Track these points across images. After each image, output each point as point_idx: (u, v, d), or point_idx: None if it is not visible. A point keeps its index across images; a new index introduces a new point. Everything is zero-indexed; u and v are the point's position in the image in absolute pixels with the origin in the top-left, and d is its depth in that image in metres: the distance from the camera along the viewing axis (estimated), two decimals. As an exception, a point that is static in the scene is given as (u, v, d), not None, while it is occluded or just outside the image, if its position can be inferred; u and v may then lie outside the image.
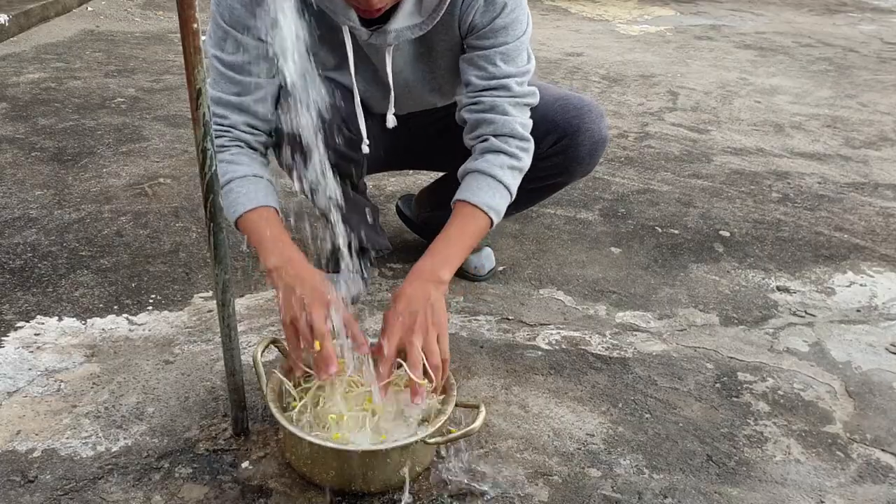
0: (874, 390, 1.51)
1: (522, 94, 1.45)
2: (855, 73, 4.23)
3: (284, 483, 1.20)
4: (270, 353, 1.44)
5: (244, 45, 1.36)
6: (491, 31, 1.41)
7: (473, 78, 1.44)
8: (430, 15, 1.38)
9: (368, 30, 1.39)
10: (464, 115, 1.47)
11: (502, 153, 1.43)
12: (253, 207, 1.34)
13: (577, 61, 4.22)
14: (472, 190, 1.40)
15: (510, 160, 1.43)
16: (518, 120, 1.44)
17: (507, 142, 1.43)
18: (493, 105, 1.43)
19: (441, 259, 1.32)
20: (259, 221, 1.33)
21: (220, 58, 1.38)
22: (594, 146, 1.60)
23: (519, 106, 1.45)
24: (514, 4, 1.40)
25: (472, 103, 1.45)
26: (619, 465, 1.28)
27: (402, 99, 1.61)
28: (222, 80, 1.39)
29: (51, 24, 4.52)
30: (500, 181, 1.41)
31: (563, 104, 1.60)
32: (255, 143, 1.43)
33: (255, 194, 1.36)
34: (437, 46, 1.47)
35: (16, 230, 2.00)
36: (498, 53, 1.42)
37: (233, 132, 1.41)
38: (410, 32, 1.40)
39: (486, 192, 1.39)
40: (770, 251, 2.08)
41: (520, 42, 1.43)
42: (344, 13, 1.36)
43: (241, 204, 1.35)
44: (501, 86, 1.43)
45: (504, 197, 1.42)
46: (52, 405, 1.36)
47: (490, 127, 1.44)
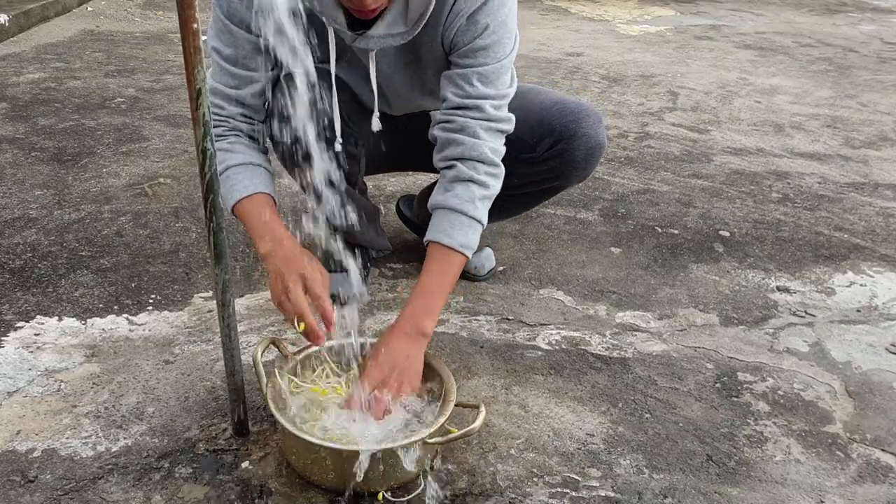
0: (874, 390, 1.51)
1: (497, 119, 1.42)
2: (855, 73, 4.23)
3: (284, 483, 1.20)
4: (270, 353, 1.44)
5: (240, 38, 1.39)
6: (471, 50, 1.39)
7: (450, 94, 1.43)
8: (413, 26, 1.37)
9: (353, 33, 1.39)
10: (435, 133, 1.46)
11: (472, 182, 1.40)
12: (248, 194, 1.39)
13: (577, 61, 4.22)
14: (444, 230, 1.39)
15: (480, 190, 1.41)
16: (488, 145, 1.42)
17: (475, 168, 1.41)
18: (463, 126, 1.41)
19: (424, 310, 1.34)
20: (254, 208, 1.39)
21: (219, 50, 1.42)
22: (591, 151, 1.59)
23: (491, 131, 1.42)
24: (497, 26, 1.38)
25: (445, 121, 1.43)
26: (619, 465, 1.28)
27: (396, 102, 1.61)
28: (220, 71, 1.44)
29: (51, 24, 4.52)
30: (471, 216, 1.40)
31: (561, 108, 1.59)
32: (251, 132, 1.48)
33: (250, 181, 1.41)
34: (424, 56, 1.47)
35: (16, 230, 2.00)
36: (476, 73, 1.40)
37: (230, 122, 1.45)
38: (392, 40, 1.39)
39: (458, 232, 1.38)
40: (770, 251, 2.08)
41: (501, 65, 1.41)
42: (332, 14, 1.35)
43: (237, 191, 1.39)
44: (476, 106, 1.41)
45: (477, 230, 1.41)
46: (52, 405, 1.36)
47: (458, 149, 1.41)
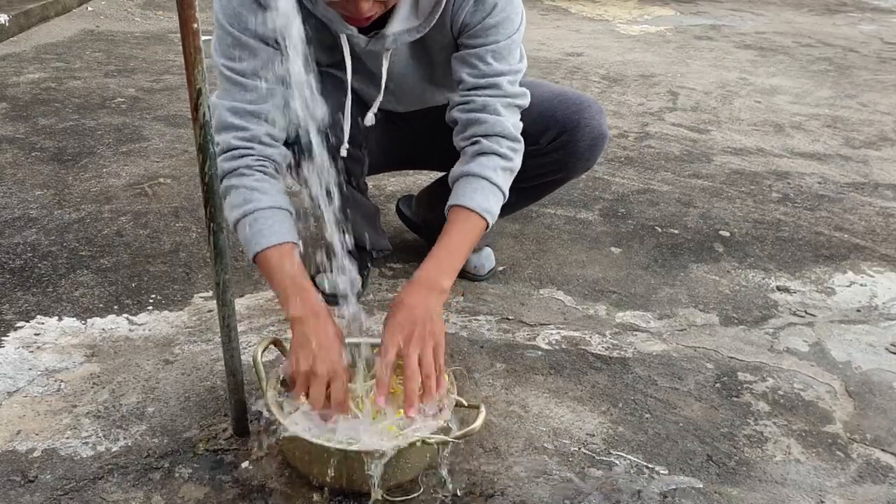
0: (874, 390, 1.51)
1: (514, 95, 1.44)
2: (855, 73, 4.23)
3: (284, 483, 1.20)
4: (270, 353, 1.44)
5: (255, 49, 1.33)
6: (482, 29, 1.40)
7: (465, 75, 1.43)
8: (427, 17, 1.38)
9: (366, 36, 1.39)
10: (454, 115, 1.46)
11: (494, 154, 1.42)
12: (276, 244, 1.29)
13: (577, 61, 4.22)
14: (466, 194, 1.39)
15: (502, 161, 1.42)
16: (509, 121, 1.43)
17: (498, 142, 1.42)
18: (484, 105, 1.42)
19: (441, 267, 1.32)
20: (281, 261, 1.28)
21: (231, 66, 1.34)
22: (594, 141, 1.60)
23: (510, 107, 1.44)
24: (505, 3, 1.39)
25: (464, 102, 1.44)
26: (619, 465, 1.28)
27: (405, 98, 1.61)
28: (235, 88, 1.35)
29: (51, 24, 4.52)
30: (493, 183, 1.40)
31: (563, 100, 1.60)
32: (278, 157, 1.38)
33: (279, 227, 1.30)
34: (433, 47, 1.47)
35: (16, 230, 2.00)
36: (489, 51, 1.41)
37: (256, 149, 1.35)
38: (408, 35, 1.40)
39: (480, 196, 1.39)
40: (770, 251, 2.08)
41: (511, 40, 1.42)
42: (341, 23, 1.36)
43: (264, 237, 1.29)
44: (493, 84, 1.42)
45: (498, 199, 1.41)
46: (52, 405, 1.36)
47: (481, 127, 1.43)
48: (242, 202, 1.31)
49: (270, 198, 1.33)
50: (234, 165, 1.33)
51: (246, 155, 1.34)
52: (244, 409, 1.28)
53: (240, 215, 1.31)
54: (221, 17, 1.34)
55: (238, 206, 1.31)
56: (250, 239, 1.30)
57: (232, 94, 1.35)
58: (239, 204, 1.31)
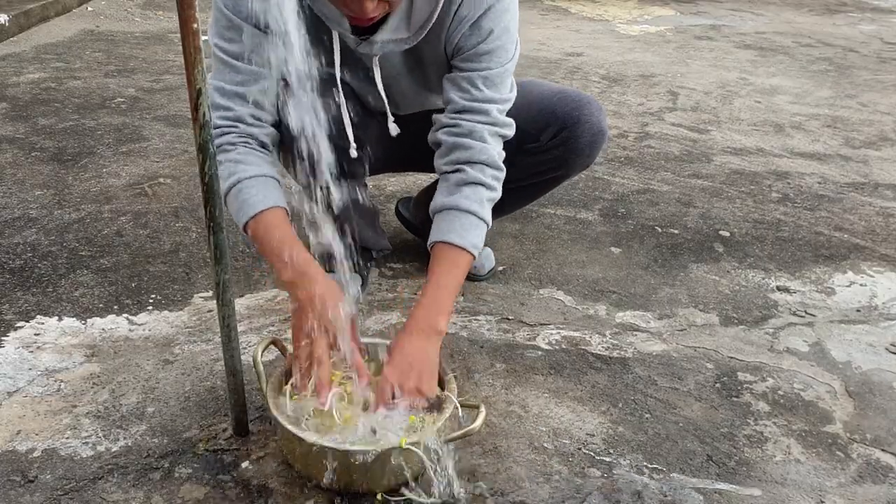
0: (874, 390, 1.51)
1: (501, 124, 1.44)
2: (855, 73, 4.23)
3: (284, 483, 1.20)
4: (270, 353, 1.44)
5: (247, 33, 1.35)
6: (475, 54, 1.40)
7: (456, 97, 1.43)
8: (416, 32, 1.38)
9: (358, 38, 1.40)
10: (439, 137, 1.45)
11: (479, 185, 1.41)
12: (263, 209, 1.31)
13: (577, 61, 4.22)
14: (453, 230, 1.38)
15: (487, 192, 1.41)
16: (495, 149, 1.43)
17: (483, 171, 1.41)
18: (471, 130, 1.41)
19: (436, 308, 1.32)
20: (269, 227, 1.30)
21: (223, 47, 1.37)
22: (594, 138, 1.60)
23: (496, 136, 1.44)
24: (501, 31, 1.39)
25: (451, 125, 1.43)
26: (619, 465, 1.28)
27: (403, 102, 1.62)
28: (225, 69, 1.37)
29: (51, 24, 4.52)
30: (480, 218, 1.40)
31: (562, 97, 1.61)
32: (262, 136, 1.40)
33: (265, 195, 1.32)
34: (426, 60, 1.47)
35: (16, 230, 2.00)
36: (481, 77, 1.41)
37: (239, 126, 1.38)
38: (395, 46, 1.40)
39: (468, 232, 1.38)
40: (770, 251, 2.08)
41: (505, 69, 1.42)
42: (336, 20, 1.36)
43: (250, 206, 1.31)
44: (482, 110, 1.41)
45: (482, 230, 1.41)
46: (52, 405, 1.36)
47: (466, 153, 1.42)
48: (227, 175, 1.33)
49: (254, 167, 1.35)
50: (217, 143, 1.35)
51: (228, 133, 1.37)
52: (244, 409, 1.28)
53: (226, 188, 1.33)
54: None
55: (224, 179, 1.33)
56: (238, 209, 1.32)
57: (222, 74, 1.38)
58: (224, 177, 1.33)
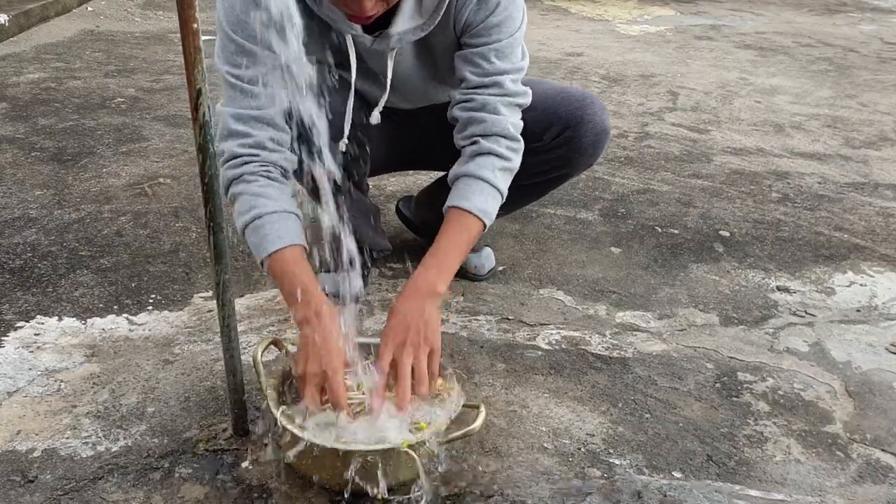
0: (874, 390, 1.51)
1: (515, 93, 1.45)
2: (855, 73, 4.23)
3: (284, 483, 1.20)
4: (270, 353, 1.44)
5: (258, 56, 1.32)
6: (485, 28, 1.40)
7: (468, 74, 1.44)
8: (431, 15, 1.38)
9: (371, 36, 1.39)
10: (455, 113, 1.47)
11: (492, 155, 1.42)
12: (283, 247, 1.28)
13: (577, 61, 4.22)
14: (464, 195, 1.39)
15: (501, 162, 1.42)
16: (509, 120, 1.43)
17: (497, 142, 1.43)
18: (484, 103, 1.42)
19: (437, 270, 1.32)
20: (286, 265, 1.28)
21: (235, 73, 1.33)
22: (597, 137, 1.60)
23: (511, 106, 1.44)
24: (508, 2, 1.40)
25: (465, 100, 1.44)
26: (619, 465, 1.28)
27: (411, 96, 1.62)
28: (240, 95, 1.34)
29: (51, 24, 4.52)
30: (491, 184, 1.40)
31: (565, 96, 1.61)
32: (283, 161, 1.37)
33: (284, 231, 1.30)
34: (436, 46, 1.47)
35: (16, 230, 2.00)
36: (492, 50, 1.41)
37: (261, 155, 1.34)
38: (413, 34, 1.40)
39: (478, 197, 1.38)
40: (770, 251, 2.08)
41: (514, 38, 1.43)
42: (345, 22, 1.36)
43: (270, 242, 1.29)
44: (495, 83, 1.42)
45: (496, 199, 1.41)
46: (52, 405, 1.36)
47: (480, 126, 1.43)
48: (248, 209, 1.31)
49: (275, 202, 1.32)
50: (237, 173, 1.33)
51: (249, 162, 1.34)
52: (244, 409, 1.28)
53: (246, 221, 1.31)
54: (225, 25, 1.33)
55: (244, 212, 1.31)
56: (257, 244, 1.30)
57: (236, 101, 1.34)
58: (245, 210, 1.31)
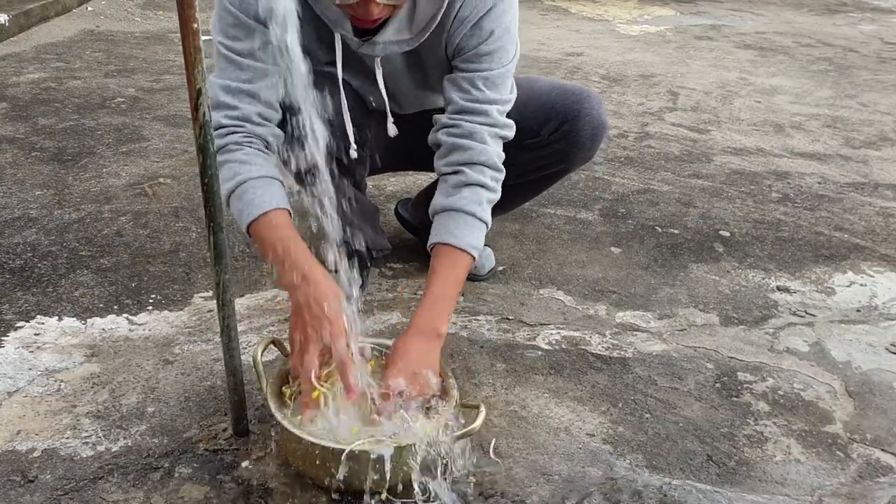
0: (874, 390, 1.51)
1: (501, 125, 1.44)
2: (855, 73, 4.23)
3: (284, 483, 1.20)
4: (270, 353, 1.44)
5: (253, 30, 1.33)
6: (476, 55, 1.40)
7: (456, 97, 1.43)
8: (419, 33, 1.38)
9: (360, 40, 1.40)
10: (439, 138, 1.46)
11: (479, 186, 1.41)
12: (267, 210, 1.29)
13: (577, 61, 4.22)
14: (451, 231, 1.38)
15: (487, 194, 1.42)
16: (495, 150, 1.43)
17: (483, 172, 1.42)
18: (471, 132, 1.42)
19: (437, 311, 1.32)
20: (272, 229, 1.29)
21: (228, 45, 1.35)
22: (595, 131, 1.60)
23: (496, 137, 1.44)
24: (502, 32, 1.39)
25: (451, 125, 1.44)
26: (618, 465, 1.28)
27: (406, 102, 1.62)
28: (231, 66, 1.36)
29: (51, 24, 4.52)
30: (479, 218, 1.40)
31: (562, 92, 1.61)
32: (268, 136, 1.39)
33: (268, 196, 1.31)
34: (427, 62, 1.48)
35: (16, 230, 2.00)
36: (482, 78, 1.41)
37: (246, 126, 1.36)
38: (398, 47, 1.41)
39: (466, 233, 1.38)
40: (770, 251, 2.08)
41: (505, 70, 1.42)
42: (338, 21, 1.37)
43: (255, 206, 1.30)
44: (483, 111, 1.42)
45: (482, 232, 1.42)
46: (52, 405, 1.36)
47: (465, 154, 1.42)
48: (232, 175, 1.32)
49: (258, 168, 1.33)
50: (222, 143, 1.34)
51: (233, 132, 1.35)
52: (244, 409, 1.28)
53: (230, 188, 1.32)
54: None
55: (227, 180, 1.32)
56: (241, 210, 1.31)
57: (227, 72, 1.36)
58: (228, 178, 1.32)
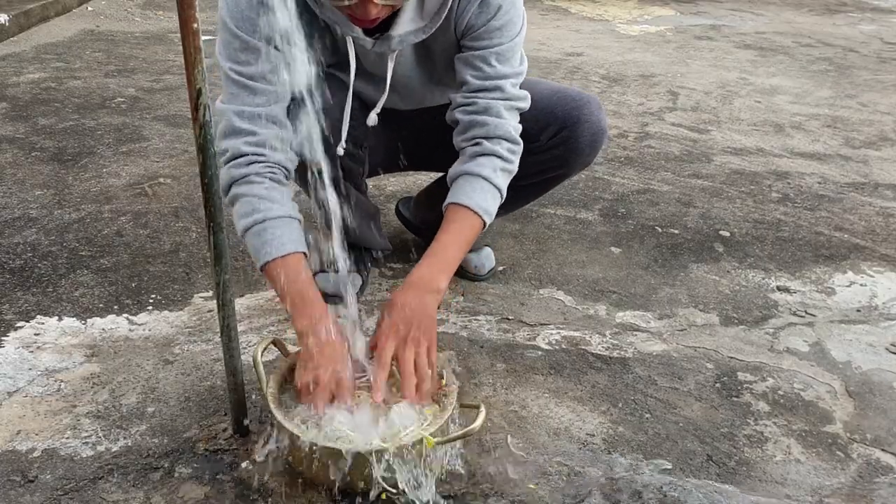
0: (874, 390, 1.51)
1: (515, 97, 1.46)
2: (855, 73, 4.23)
3: (284, 483, 1.20)
4: (270, 353, 1.44)
5: (263, 53, 1.31)
6: (486, 31, 1.41)
7: (469, 77, 1.44)
8: (433, 18, 1.38)
9: (372, 38, 1.40)
10: (456, 116, 1.47)
11: (494, 156, 1.43)
12: (282, 255, 1.28)
13: (577, 61, 4.22)
14: (465, 192, 1.40)
15: (502, 163, 1.43)
16: (511, 123, 1.45)
17: (499, 144, 1.43)
18: (487, 107, 1.43)
19: (438, 266, 1.32)
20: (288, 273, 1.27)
21: (239, 70, 1.32)
22: (594, 137, 1.61)
23: (512, 110, 1.46)
24: (509, 6, 1.40)
25: (467, 103, 1.45)
26: (619, 465, 1.28)
27: (409, 98, 1.62)
28: (243, 91, 1.33)
29: (51, 24, 4.52)
30: (492, 183, 1.41)
31: (562, 96, 1.61)
32: (286, 162, 1.36)
33: (287, 238, 1.29)
34: (436, 48, 1.48)
35: (16, 230, 2.00)
36: (493, 53, 1.42)
37: (266, 154, 1.33)
38: (414, 37, 1.40)
39: (478, 195, 1.39)
40: (770, 251, 2.08)
41: (514, 43, 1.44)
42: (348, 25, 1.36)
43: (273, 247, 1.28)
44: (496, 87, 1.43)
45: (496, 198, 1.42)
46: (52, 405, 1.36)
47: (483, 129, 1.44)
48: (252, 211, 1.30)
49: (279, 207, 1.31)
50: (243, 172, 1.32)
51: (255, 161, 1.32)
52: (244, 409, 1.28)
53: (249, 224, 1.30)
54: (229, 21, 1.32)
55: (247, 214, 1.31)
56: (259, 249, 1.29)
57: (240, 98, 1.33)
58: (248, 213, 1.31)
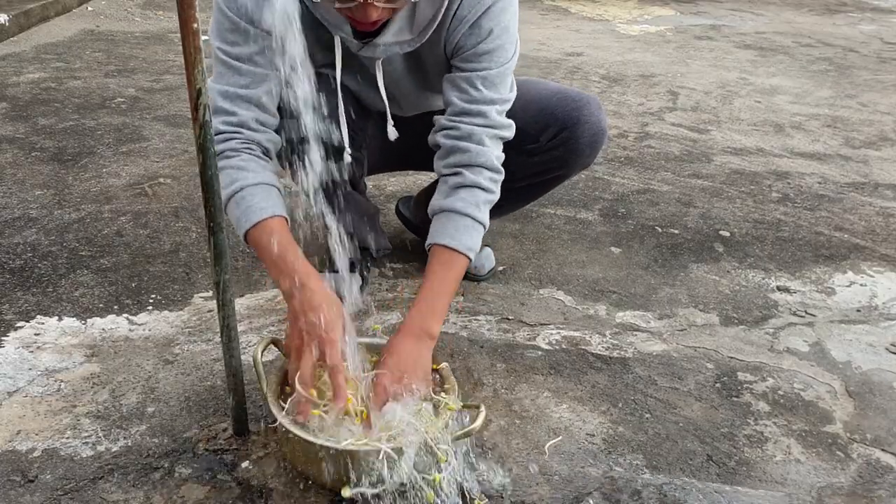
0: (874, 390, 1.51)
1: (499, 125, 1.44)
2: (855, 73, 4.23)
3: (284, 483, 1.20)
4: (270, 353, 1.44)
5: (252, 35, 1.33)
6: (474, 54, 1.40)
7: (455, 99, 1.43)
8: (420, 33, 1.38)
9: (360, 42, 1.40)
10: (438, 139, 1.46)
11: (476, 188, 1.42)
12: (265, 217, 1.30)
13: (577, 61, 4.22)
14: (448, 233, 1.39)
15: (484, 195, 1.42)
16: (493, 152, 1.43)
17: (480, 174, 1.42)
18: (469, 133, 1.42)
19: (430, 313, 1.33)
20: (269, 236, 1.28)
21: (227, 50, 1.35)
22: (594, 138, 1.60)
23: (495, 138, 1.44)
24: (501, 31, 1.39)
25: (450, 127, 1.44)
26: (619, 465, 1.28)
27: (406, 104, 1.62)
28: (229, 71, 1.36)
29: (51, 24, 4.52)
30: (476, 220, 1.41)
31: (562, 97, 1.61)
32: (265, 142, 1.39)
33: (266, 203, 1.31)
34: (427, 61, 1.48)
35: (16, 230, 2.00)
36: (480, 77, 1.41)
37: (243, 133, 1.37)
38: (399, 48, 1.40)
39: (463, 234, 1.39)
40: (770, 251, 2.08)
41: (503, 69, 1.42)
42: (338, 24, 1.37)
43: (253, 213, 1.30)
44: (480, 112, 1.42)
45: (480, 233, 1.42)
46: (52, 405, 1.36)
47: (465, 156, 1.42)
48: (229, 182, 1.32)
49: (256, 175, 1.34)
50: (220, 148, 1.34)
51: (231, 138, 1.35)
52: (244, 409, 1.28)
53: (228, 195, 1.32)
54: (221, 1, 1.34)
55: (225, 186, 1.32)
56: (239, 217, 1.32)
57: (225, 77, 1.36)
58: (226, 184, 1.32)
